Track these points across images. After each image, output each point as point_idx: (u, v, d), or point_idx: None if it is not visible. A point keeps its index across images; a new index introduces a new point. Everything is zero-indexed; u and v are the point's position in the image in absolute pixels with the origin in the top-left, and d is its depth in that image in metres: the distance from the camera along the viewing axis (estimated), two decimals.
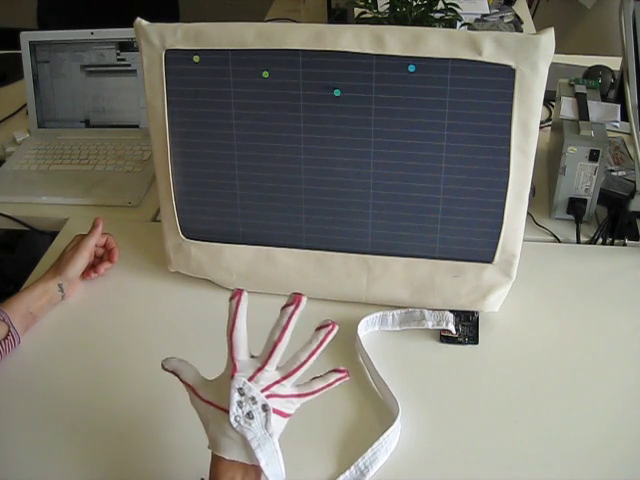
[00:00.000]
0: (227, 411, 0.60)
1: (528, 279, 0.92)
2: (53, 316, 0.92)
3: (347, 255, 0.90)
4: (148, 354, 0.87)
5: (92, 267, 0.98)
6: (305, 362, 0.63)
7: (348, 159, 0.85)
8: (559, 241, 1.04)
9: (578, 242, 1.03)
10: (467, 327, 0.88)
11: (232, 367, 0.62)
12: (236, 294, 0.63)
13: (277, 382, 0.62)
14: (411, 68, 0.79)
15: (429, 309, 0.89)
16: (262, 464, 0.59)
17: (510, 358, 0.84)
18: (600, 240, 1.03)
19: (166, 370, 0.67)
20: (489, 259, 0.86)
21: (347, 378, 0.66)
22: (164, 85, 0.86)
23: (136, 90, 1.29)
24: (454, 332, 0.86)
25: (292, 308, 0.63)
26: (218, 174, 0.90)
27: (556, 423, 0.76)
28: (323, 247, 0.90)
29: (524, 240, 0.86)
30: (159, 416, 0.77)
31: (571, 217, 1.05)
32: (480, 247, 0.86)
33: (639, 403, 0.79)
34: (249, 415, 0.60)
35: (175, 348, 0.87)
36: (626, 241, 1.02)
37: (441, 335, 0.87)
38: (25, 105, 1.40)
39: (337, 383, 0.65)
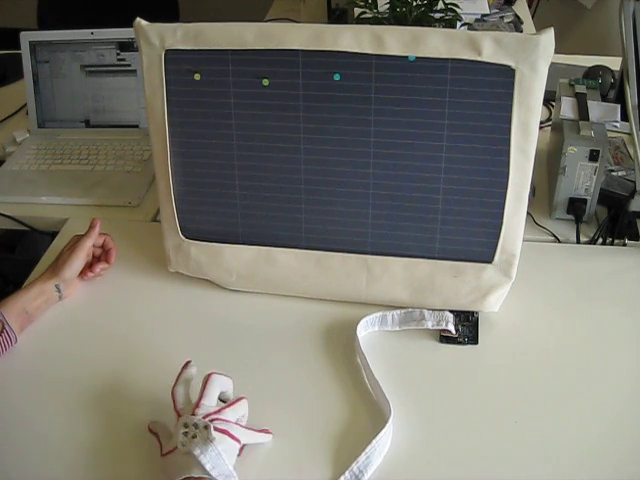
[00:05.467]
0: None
1: (528, 279, 0.91)
2: (52, 316, 0.92)
3: (347, 255, 0.90)
4: (147, 354, 0.87)
5: (89, 267, 0.97)
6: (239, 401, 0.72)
7: (348, 159, 0.85)
8: (559, 241, 1.04)
9: (578, 242, 1.03)
10: (467, 327, 0.88)
11: (175, 416, 0.70)
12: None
13: (217, 412, 0.69)
14: (411, 58, 0.79)
15: (429, 309, 0.89)
16: (208, 468, 0.64)
17: (510, 358, 0.84)
18: (600, 240, 1.03)
19: (150, 430, 0.74)
20: (489, 259, 0.86)
21: (270, 434, 0.74)
22: (164, 85, 0.86)
23: (136, 90, 1.29)
24: (454, 332, 0.86)
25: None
26: (218, 174, 0.90)
27: (556, 423, 0.76)
28: (323, 247, 0.90)
29: (524, 240, 0.86)
30: (158, 417, 0.77)
31: (571, 217, 1.05)
32: (480, 247, 0.86)
33: (639, 402, 0.79)
34: (193, 436, 0.65)
35: (174, 348, 0.87)
36: (626, 241, 1.02)
37: (441, 335, 0.87)
38: (25, 105, 1.40)
39: (262, 432, 0.74)
